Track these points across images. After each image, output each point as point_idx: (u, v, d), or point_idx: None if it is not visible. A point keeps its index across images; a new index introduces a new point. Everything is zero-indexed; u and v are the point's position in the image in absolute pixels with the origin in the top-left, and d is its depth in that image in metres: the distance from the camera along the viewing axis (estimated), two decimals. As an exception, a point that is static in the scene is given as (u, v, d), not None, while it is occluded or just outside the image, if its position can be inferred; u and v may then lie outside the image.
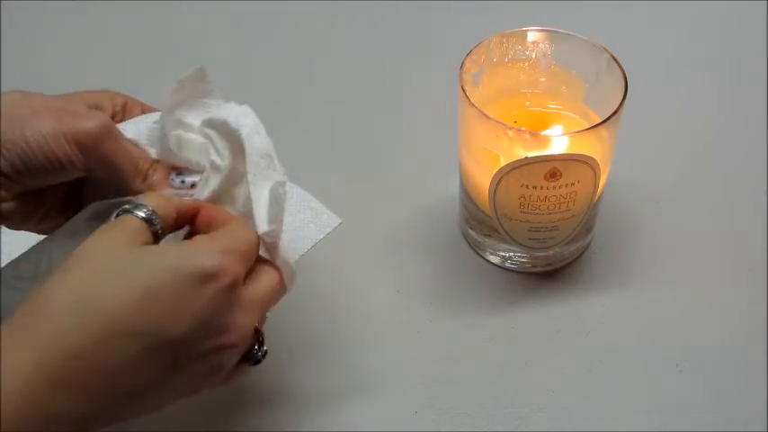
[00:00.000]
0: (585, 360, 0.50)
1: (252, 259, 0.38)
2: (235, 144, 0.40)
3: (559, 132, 0.51)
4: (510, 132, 0.46)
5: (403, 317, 0.52)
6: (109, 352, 0.32)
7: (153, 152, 0.41)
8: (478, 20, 0.72)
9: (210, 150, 0.40)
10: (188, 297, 0.34)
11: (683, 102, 0.67)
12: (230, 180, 0.41)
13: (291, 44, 0.73)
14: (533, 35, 0.51)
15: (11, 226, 0.41)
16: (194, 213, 0.39)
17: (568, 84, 0.52)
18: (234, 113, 0.40)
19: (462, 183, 0.54)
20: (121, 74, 0.69)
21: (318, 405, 0.48)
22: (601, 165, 0.47)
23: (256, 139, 0.39)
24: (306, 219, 0.44)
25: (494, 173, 0.47)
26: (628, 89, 0.47)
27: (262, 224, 0.38)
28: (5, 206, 0.39)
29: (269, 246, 0.39)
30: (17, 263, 0.42)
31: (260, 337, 0.39)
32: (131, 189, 0.41)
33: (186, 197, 0.41)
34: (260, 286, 0.38)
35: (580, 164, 0.46)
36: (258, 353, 0.39)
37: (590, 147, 0.47)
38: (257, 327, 0.38)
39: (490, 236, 0.53)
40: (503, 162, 0.47)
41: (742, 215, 0.58)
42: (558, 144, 0.46)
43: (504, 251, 0.54)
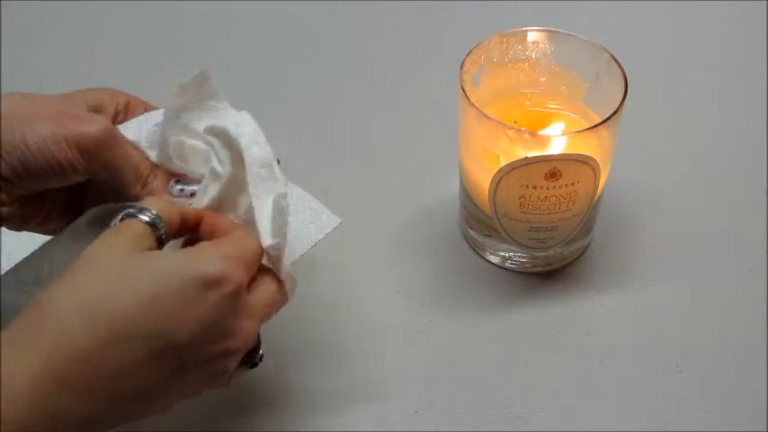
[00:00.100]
0: (585, 360, 0.50)
1: (255, 267, 0.38)
2: (235, 152, 0.40)
3: (559, 132, 0.51)
4: (510, 132, 0.46)
5: (403, 317, 0.52)
6: (115, 355, 0.32)
7: (153, 155, 0.41)
8: (478, 20, 0.72)
9: (212, 157, 0.40)
10: (193, 302, 0.34)
11: (683, 102, 0.67)
12: (231, 188, 0.40)
13: (291, 44, 0.73)
14: (533, 35, 0.51)
15: (11, 227, 0.41)
16: (198, 221, 0.39)
17: (568, 84, 0.52)
18: (233, 122, 0.40)
19: (462, 183, 0.54)
20: (121, 74, 0.69)
21: (318, 405, 0.48)
22: (601, 165, 0.47)
23: (256, 149, 0.39)
24: (305, 219, 0.43)
25: (494, 173, 0.47)
26: (628, 89, 0.47)
27: (266, 238, 0.38)
28: (5, 209, 0.39)
29: (273, 258, 0.39)
30: (20, 267, 0.42)
31: (258, 342, 0.40)
32: (131, 195, 0.41)
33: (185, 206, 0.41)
34: (263, 294, 0.38)
35: (580, 164, 0.46)
36: (256, 357, 0.40)
37: (590, 147, 0.47)
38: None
39: (490, 236, 0.53)
40: (503, 162, 0.47)
41: (742, 215, 0.58)
42: (558, 144, 0.46)
43: (504, 251, 0.54)
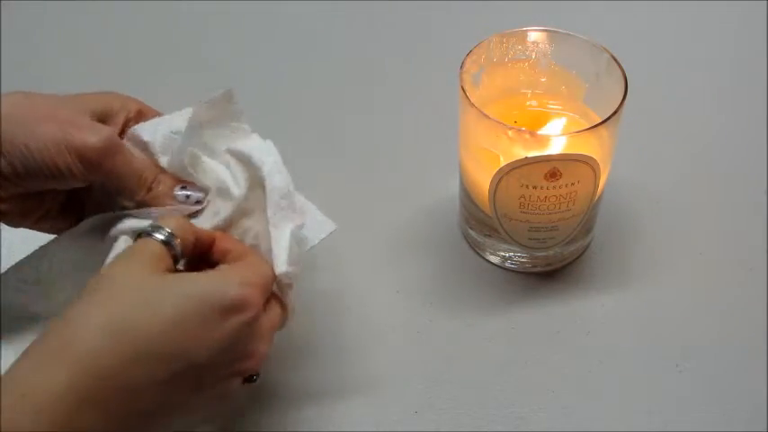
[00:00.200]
0: (585, 360, 0.50)
1: (269, 291, 0.39)
2: (253, 178, 0.41)
3: (559, 132, 0.51)
4: (510, 132, 0.46)
5: (403, 317, 0.52)
6: (137, 374, 0.33)
7: (164, 160, 0.42)
8: (478, 20, 0.72)
9: (228, 178, 0.41)
10: (214, 326, 0.35)
11: (683, 102, 0.67)
12: (241, 211, 0.41)
13: (291, 44, 0.73)
14: (533, 35, 0.51)
15: (8, 223, 0.42)
16: (211, 242, 0.40)
17: (568, 84, 0.52)
18: (258, 149, 0.41)
19: (462, 183, 0.54)
20: (121, 74, 0.69)
21: (319, 405, 0.48)
22: (601, 165, 0.47)
23: (277, 179, 0.40)
24: None
25: (494, 173, 0.47)
26: (628, 89, 0.47)
27: (281, 265, 0.39)
28: (3, 206, 0.39)
29: (283, 285, 0.40)
30: (20, 266, 0.43)
31: None
32: (135, 200, 0.41)
33: (189, 212, 0.41)
34: (273, 317, 0.40)
35: (580, 164, 0.46)
36: (255, 375, 0.41)
37: (590, 147, 0.47)
38: None
39: (490, 236, 0.53)
40: (503, 162, 0.47)
41: (742, 215, 0.58)
42: (558, 144, 0.46)
43: (504, 251, 0.54)
